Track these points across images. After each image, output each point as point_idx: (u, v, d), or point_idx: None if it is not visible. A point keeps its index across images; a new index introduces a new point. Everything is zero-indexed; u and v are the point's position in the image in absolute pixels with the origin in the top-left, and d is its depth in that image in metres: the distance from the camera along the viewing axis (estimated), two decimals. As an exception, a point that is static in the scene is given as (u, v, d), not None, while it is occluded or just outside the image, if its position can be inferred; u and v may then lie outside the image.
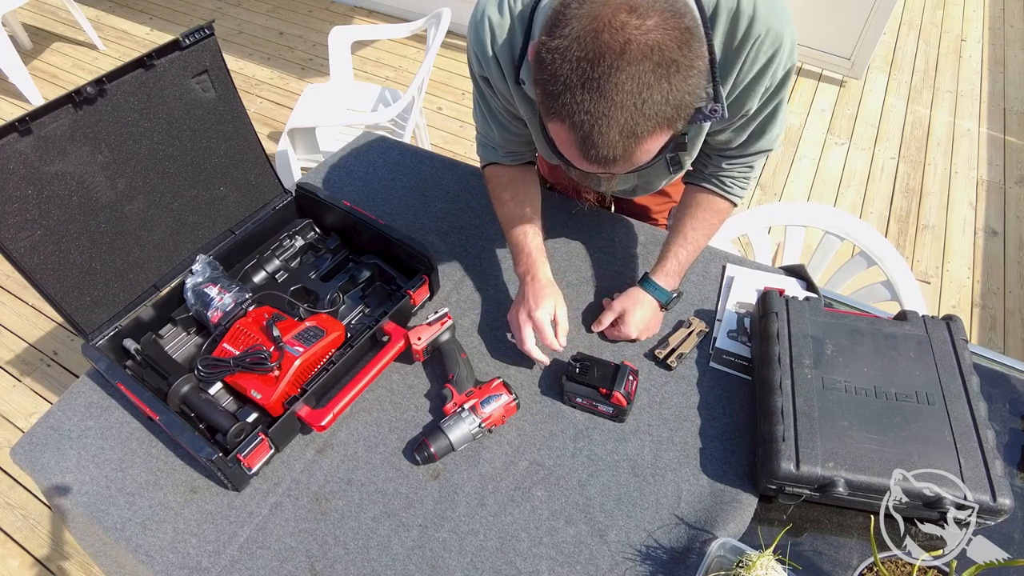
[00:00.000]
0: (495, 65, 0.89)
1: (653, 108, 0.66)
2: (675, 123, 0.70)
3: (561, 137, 0.73)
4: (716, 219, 1.09)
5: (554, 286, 1.07)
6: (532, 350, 1.04)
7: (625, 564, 0.89)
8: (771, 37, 0.80)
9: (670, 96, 0.66)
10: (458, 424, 0.98)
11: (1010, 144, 2.92)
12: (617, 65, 0.64)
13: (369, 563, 0.90)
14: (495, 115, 1.02)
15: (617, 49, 0.63)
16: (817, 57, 3.20)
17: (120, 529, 0.93)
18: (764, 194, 2.72)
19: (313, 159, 2.24)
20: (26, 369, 2.18)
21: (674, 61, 0.65)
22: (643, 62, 0.64)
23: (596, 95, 0.65)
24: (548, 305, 1.03)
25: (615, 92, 0.65)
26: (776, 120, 0.94)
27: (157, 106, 1.00)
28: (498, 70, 0.90)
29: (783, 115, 0.95)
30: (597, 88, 0.65)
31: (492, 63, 0.89)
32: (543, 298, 1.04)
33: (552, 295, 1.05)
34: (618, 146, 0.68)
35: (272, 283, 1.21)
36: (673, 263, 1.10)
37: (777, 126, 0.96)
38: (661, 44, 0.64)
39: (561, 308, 1.06)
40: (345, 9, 3.87)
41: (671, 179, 1.12)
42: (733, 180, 1.05)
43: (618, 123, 0.66)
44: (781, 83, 0.87)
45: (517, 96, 0.93)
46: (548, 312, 1.03)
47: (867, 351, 0.98)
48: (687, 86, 0.67)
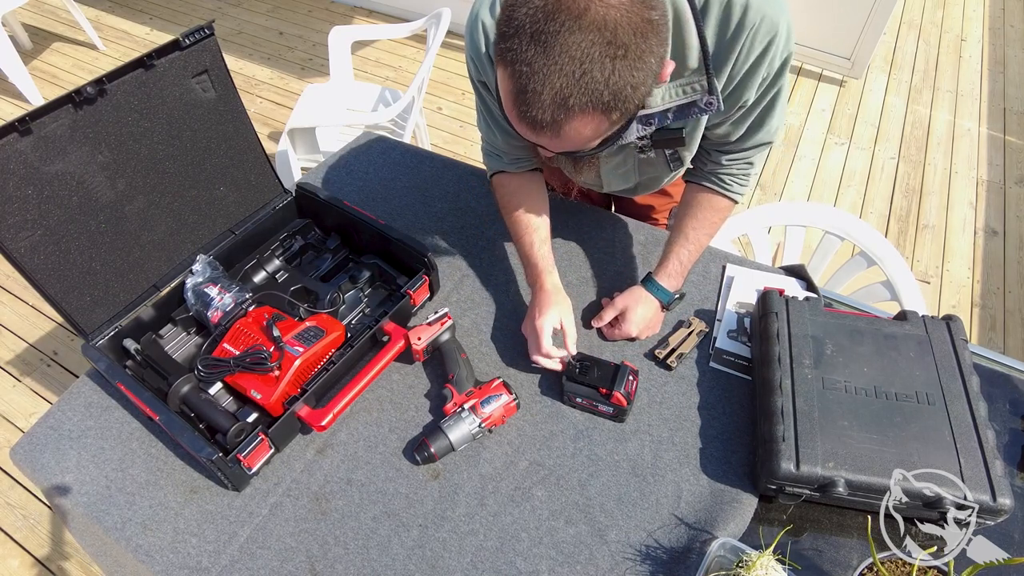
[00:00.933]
0: (490, 67, 0.89)
1: (590, 84, 0.64)
2: (610, 111, 0.68)
3: (504, 86, 0.71)
4: (717, 218, 1.09)
5: (560, 293, 1.07)
6: (538, 360, 1.04)
7: (625, 564, 0.89)
8: (766, 26, 0.78)
9: (610, 79, 0.64)
10: (458, 424, 0.98)
11: (1010, 144, 2.92)
12: (569, 27, 0.62)
13: (369, 563, 0.90)
14: (497, 120, 1.02)
15: (575, 12, 0.62)
16: (817, 57, 3.20)
17: (120, 529, 0.93)
18: (764, 194, 2.72)
19: (313, 159, 2.24)
20: (26, 369, 2.18)
21: (624, 45, 0.63)
22: (594, 33, 0.62)
23: (540, 48, 0.64)
24: (550, 314, 1.03)
25: (558, 53, 0.63)
26: (775, 111, 0.93)
27: (157, 106, 1.00)
28: (493, 72, 0.90)
29: (782, 106, 0.93)
30: (543, 42, 0.64)
31: (487, 65, 0.89)
32: (547, 307, 1.04)
33: (555, 303, 1.05)
34: (547, 110, 0.67)
35: (272, 283, 1.21)
36: (675, 263, 1.10)
37: (776, 117, 0.94)
38: (618, 24, 0.63)
39: (567, 316, 1.05)
40: (345, 9, 3.87)
41: (672, 177, 1.12)
42: (733, 177, 1.05)
43: (552, 85, 0.65)
44: (778, 73, 0.86)
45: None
46: (550, 320, 1.03)
47: (867, 351, 0.98)
48: (631, 77, 0.65)
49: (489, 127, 1.06)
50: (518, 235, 1.12)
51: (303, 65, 3.48)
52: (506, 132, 1.04)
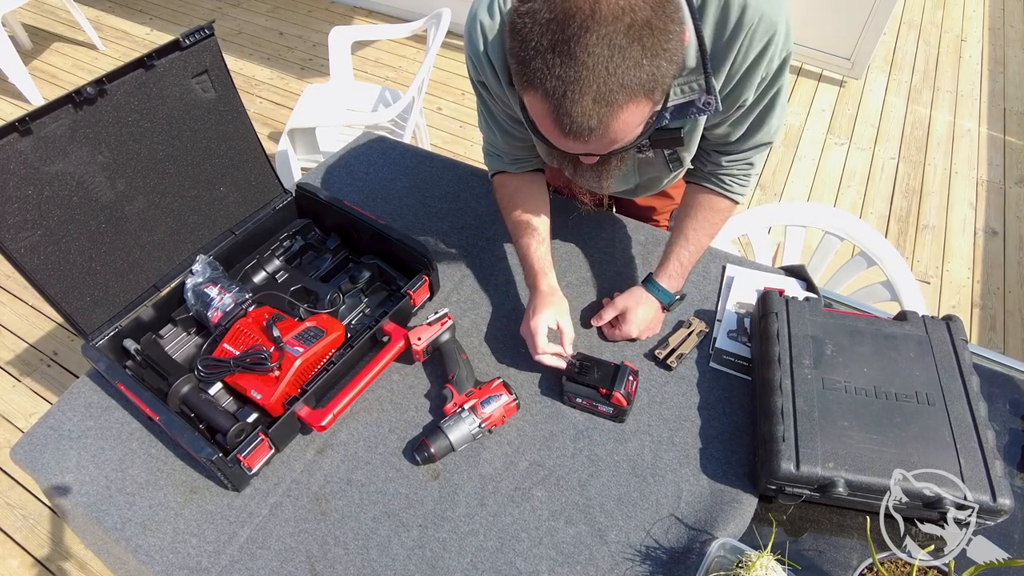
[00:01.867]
0: (489, 67, 0.89)
1: (627, 73, 0.63)
2: (652, 92, 0.67)
3: (536, 109, 0.70)
4: (718, 219, 1.09)
5: (556, 295, 1.07)
6: (541, 359, 1.03)
7: (625, 564, 0.89)
8: (764, 25, 0.77)
9: (643, 60, 0.63)
10: (458, 424, 0.98)
11: (1010, 144, 2.92)
12: (587, 26, 0.61)
13: (369, 563, 0.90)
14: (497, 120, 1.02)
15: (587, 9, 0.61)
16: (817, 57, 3.20)
17: (120, 529, 0.93)
18: (764, 194, 2.72)
19: (313, 159, 2.24)
20: (26, 369, 2.18)
21: (648, 22, 0.62)
22: (614, 23, 0.61)
23: (567, 59, 0.63)
24: (545, 314, 1.03)
25: (586, 56, 0.62)
26: (774, 111, 0.92)
27: (157, 106, 1.00)
28: (492, 72, 0.89)
29: (782, 106, 0.93)
30: (567, 51, 0.62)
31: (486, 65, 0.89)
32: (542, 308, 1.04)
33: (551, 304, 1.05)
34: (592, 115, 0.66)
35: (272, 283, 1.21)
36: (675, 265, 1.10)
37: (776, 117, 0.94)
38: (633, 4, 0.61)
39: (564, 317, 1.05)
40: (345, 9, 3.87)
41: (673, 178, 1.12)
42: (733, 178, 1.04)
43: (591, 89, 0.64)
44: (777, 72, 0.85)
45: (512, 97, 0.92)
46: (545, 320, 1.03)
47: (867, 351, 0.98)
48: (664, 51, 0.64)
49: (489, 127, 1.06)
50: (517, 236, 1.12)
51: (303, 65, 3.48)
52: (506, 132, 1.04)
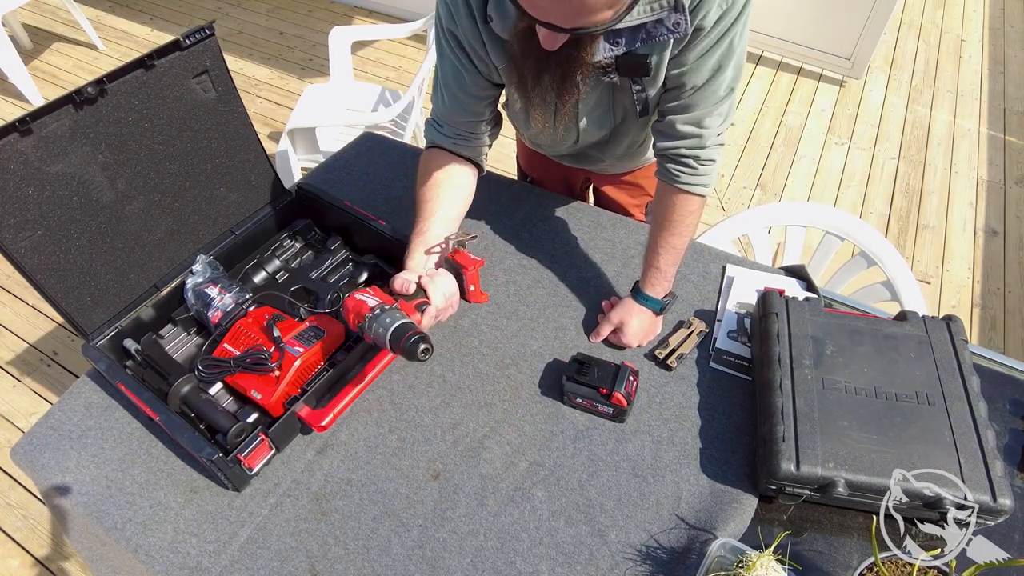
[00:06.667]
0: (464, 7, 0.89)
1: None
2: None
3: None
4: (691, 219, 1.07)
5: (414, 272, 1.03)
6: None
7: (625, 564, 0.89)
8: None
9: None
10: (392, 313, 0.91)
11: (1010, 144, 2.92)
12: None
13: (369, 563, 0.90)
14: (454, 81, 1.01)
15: None
16: (817, 57, 3.21)
17: (120, 529, 0.93)
18: (764, 194, 2.72)
19: (313, 159, 2.24)
20: (26, 369, 2.18)
21: None
22: None
23: None
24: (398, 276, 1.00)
25: None
26: (733, 57, 0.91)
27: (157, 106, 1.00)
28: (467, 11, 0.89)
29: (738, 60, 0.91)
30: None
31: (462, 10, 0.89)
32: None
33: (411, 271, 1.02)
34: None
35: (272, 283, 1.21)
36: (655, 273, 1.08)
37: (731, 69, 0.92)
38: None
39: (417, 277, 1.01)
40: (345, 9, 3.87)
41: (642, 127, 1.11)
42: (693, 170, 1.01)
43: None
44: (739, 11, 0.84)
45: (488, 39, 0.92)
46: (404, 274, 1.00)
47: (867, 351, 0.98)
48: None
49: (441, 94, 1.04)
50: (416, 214, 1.10)
51: (303, 65, 3.48)
52: (457, 98, 1.03)
